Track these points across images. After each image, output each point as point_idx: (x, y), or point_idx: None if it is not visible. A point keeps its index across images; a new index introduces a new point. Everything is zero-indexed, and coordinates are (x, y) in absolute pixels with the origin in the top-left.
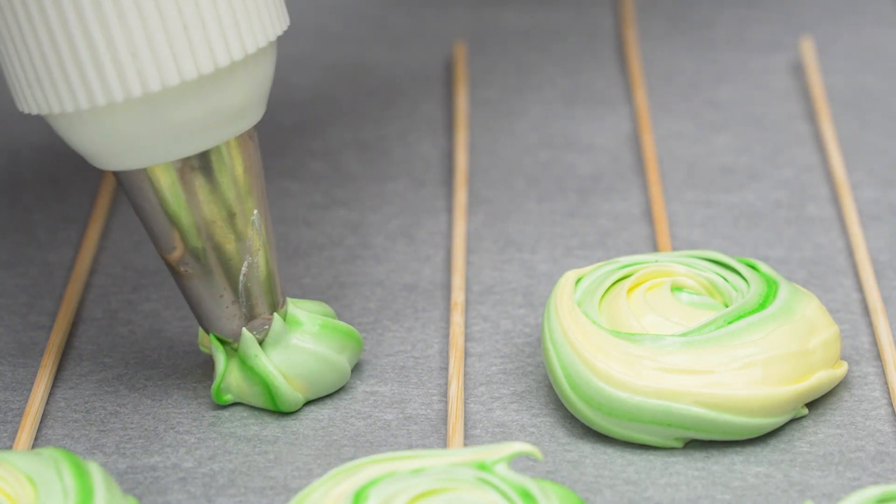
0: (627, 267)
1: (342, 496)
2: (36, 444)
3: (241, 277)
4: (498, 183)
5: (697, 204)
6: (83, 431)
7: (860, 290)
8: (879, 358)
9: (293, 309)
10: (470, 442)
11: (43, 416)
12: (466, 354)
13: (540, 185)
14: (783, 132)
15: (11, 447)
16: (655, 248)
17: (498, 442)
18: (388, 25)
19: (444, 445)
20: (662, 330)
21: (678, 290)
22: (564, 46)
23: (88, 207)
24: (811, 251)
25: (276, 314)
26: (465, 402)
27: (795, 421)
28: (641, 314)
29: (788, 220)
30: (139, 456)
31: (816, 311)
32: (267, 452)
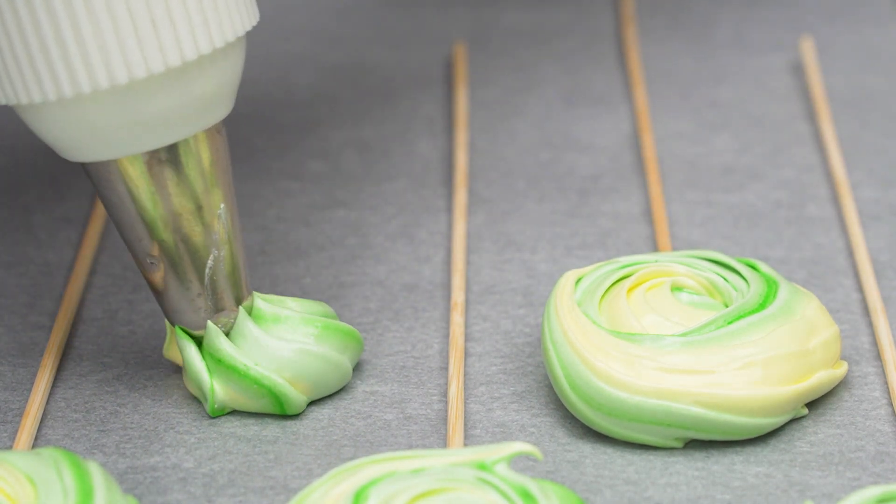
0: (627, 267)
1: (342, 496)
2: (36, 444)
3: (207, 270)
4: (498, 183)
5: (697, 204)
6: (83, 431)
7: (860, 290)
8: (879, 358)
9: (259, 302)
10: (470, 442)
11: (43, 416)
12: (466, 354)
13: (540, 185)
14: (783, 132)
15: (11, 447)
16: (655, 248)
17: (498, 442)
18: (388, 25)
19: (444, 445)
20: (662, 330)
21: (678, 290)
22: (564, 46)
23: (88, 207)
24: (811, 251)
25: (241, 307)
26: (465, 402)
27: (795, 421)
28: (641, 314)
29: (788, 220)
30: (139, 456)
31: (816, 311)
32: (267, 452)
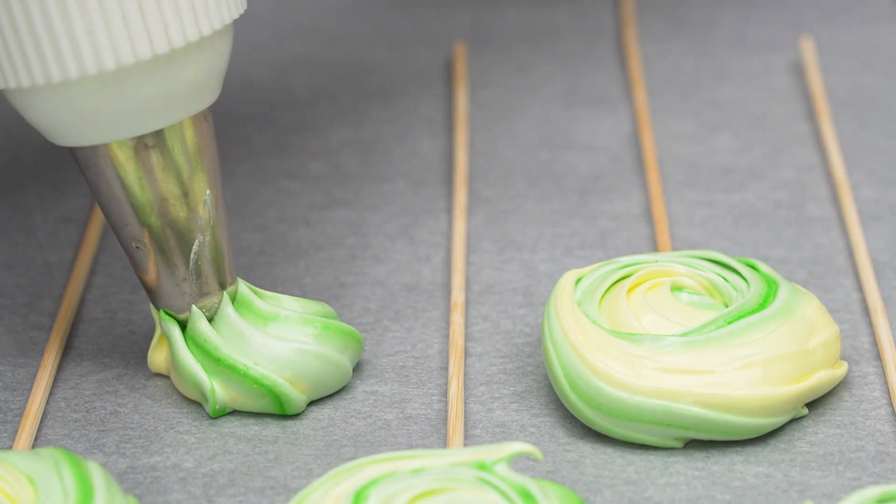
0: (627, 267)
1: (342, 496)
2: (36, 444)
3: (192, 255)
4: (498, 183)
5: (697, 204)
6: (83, 431)
7: (860, 290)
8: (879, 358)
9: (243, 288)
10: (470, 442)
11: (43, 416)
12: (466, 354)
13: (540, 185)
14: (783, 132)
15: (11, 447)
16: (655, 248)
17: (498, 442)
18: (388, 25)
19: (444, 445)
20: (662, 330)
21: (678, 290)
22: (564, 46)
23: (88, 208)
24: (811, 251)
25: (224, 292)
26: (465, 402)
27: (795, 421)
28: (641, 314)
29: (788, 220)
30: (139, 456)
31: (816, 311)
32: (267, 452)
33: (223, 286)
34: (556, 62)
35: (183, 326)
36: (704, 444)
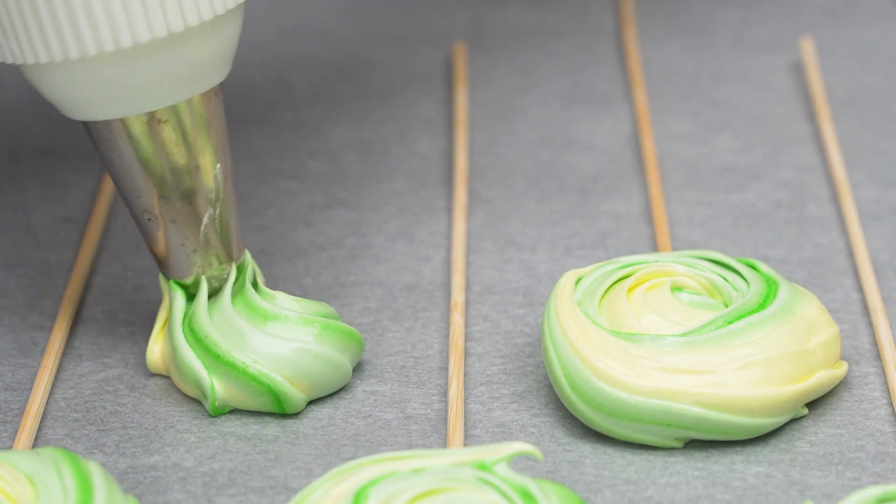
0: (627, 267)
1: (342, 496)
2: (36, 444)
3: (202, 227)
4: (498, 183)
5: (697, 204)
6: (83, 431)
7: (860, 290)
8: (879, 358)
9: (251, 263)
10: (470, 442)
11: (43, 416)
12: (466, 354)
13: (540, 185)
14: (783, 132)
15: (11, 447)
16: (655, 248)
17: (498, 442)
18: (388, 25)
19: (444, 445)
20: (662, 330)
21: (678, 290)
22: (564, 46)
23: (88, 207)
24: (811, 251)
25: (234, 264)
26: (465, 402)
27: (795, 421)
28: (641, 314)
29: (788, 220)
30: (139, 455)
31: (816, 311)
32: (267, 452)
33: (232, 258)
34: (556, 62)
35: (191, 297)
36: (704, 444)
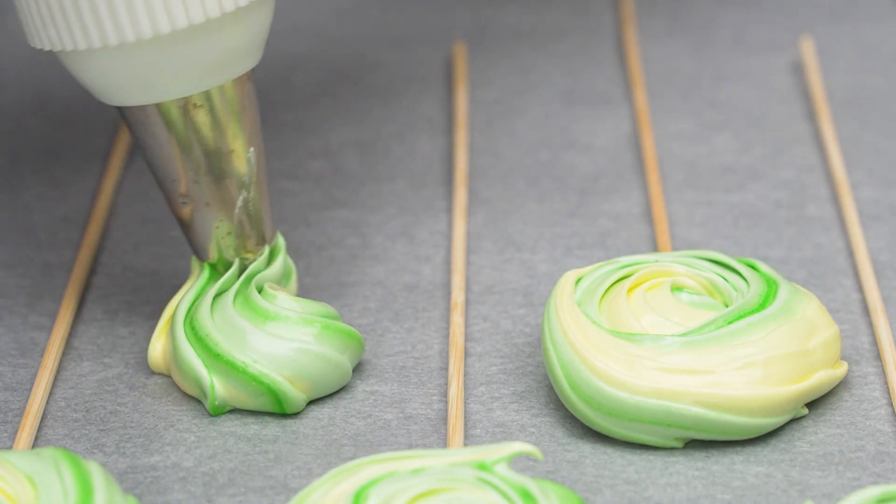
0: (627, 267)
1: (342, 496)
2: (36, 444)
3: (236, 210)
4: (498, 183)
5: (697, 204)
6: (83, 431)
7: (860, 290)
8: (879, 358)
9: (282, 245)
10: (470, 442)
11: (43, 416)
12: (466, 354)
13: (540, 185)
14: (783, 132)
15: (11, 447)
16: (655, 248)
17: (498, 442)
18: (388, 25)
19: (444, 445)
20: (662, 330)
21: (678, 290)
22: (564, 46)
23: (88, 207)
24: (811, 251)
25: (266, 246)
26: (465, 402)
27: (795, 421)
28: (641, 314)
29: (788, 220)
30: (139, 455)
31: (816, 311)
32: (267, 452)
33: (265, 240)
34: (556, 62)
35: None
36: (704, 444)
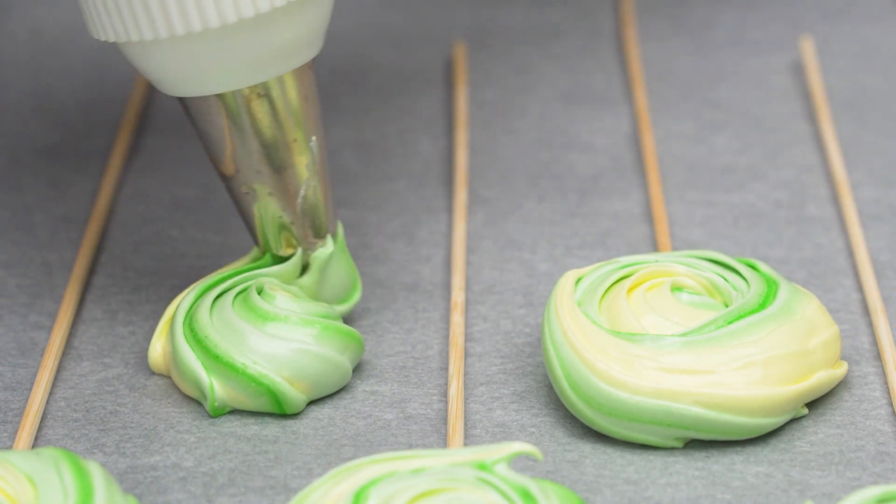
0: (627, 267)
1: (342, 496)
2: (36, 444)
3: (299, 200)
4: (498, 183)
5: (697, 204)
6: (83, 431)
7: (860, 290)
8: (879, 358)
9: (342, 234)
10: (470, 442)
11: (43, 416)
12: (466, 354)
13: (540, 185)
14: (783, 132)
15: (11, 447)
16: (655, 248)
17: (498, 442)
18: (388, 25)
19: (444, 445)
20: (662, 330)
21: (678, 290)
22: (564, 46)
23: (88, 207)
24: (811, 251)
25: (328, 236)
26: (465, 402)
27: (795, 421)
28: (641, 314)
29: (788, 220)
30: (139, 455)
31: (816, 311)
32: (267, 452)
33: (328, 230)
34: (556, 62)
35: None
36: (704, 444)
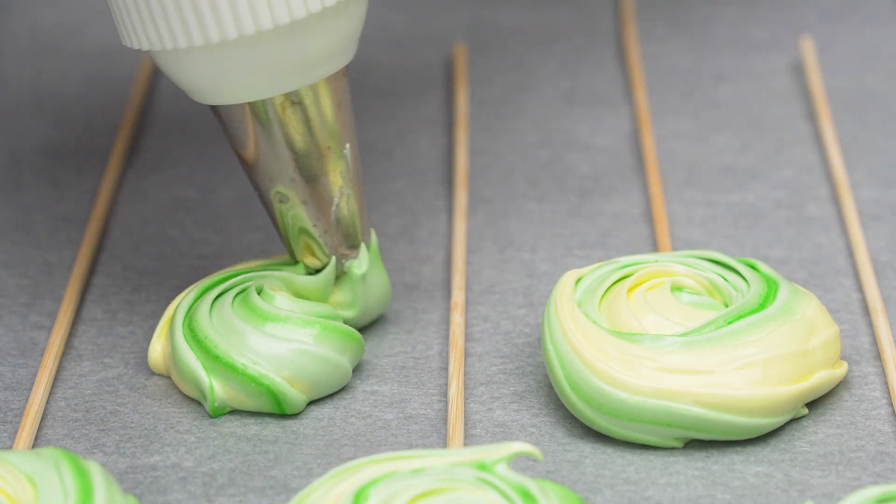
0: (627, 267)
1: (342, 496)
2: (36, 444)
3: (332, 208)
4: (498, 183)
5: (697, 204)
6: (83, 431)
7: (860, 290)
8: (879, 358)
9: (376, 242)
10: (470, 442)
11: (43, 416)
12: (466, 354)
13: (540, 185)
14: (783, 132)
15: (11, 447)
16: (655, 248)
17: (498, 442)
18: (388, 25)
19: (444, 445)
20: (662, 330)
21: (678, 290)
22: (564, 46)
23: (88, 207)
24: (811, 251)
25: (362, 245)
26: (465, 402)
27: (795, 421)
28: (641, 314)
29: (788, 220)
30: (139, 455)
31: (816, 311)
32: (267, 452)
33: (362, 238)
34: (556, 62)
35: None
36: (704, 443)
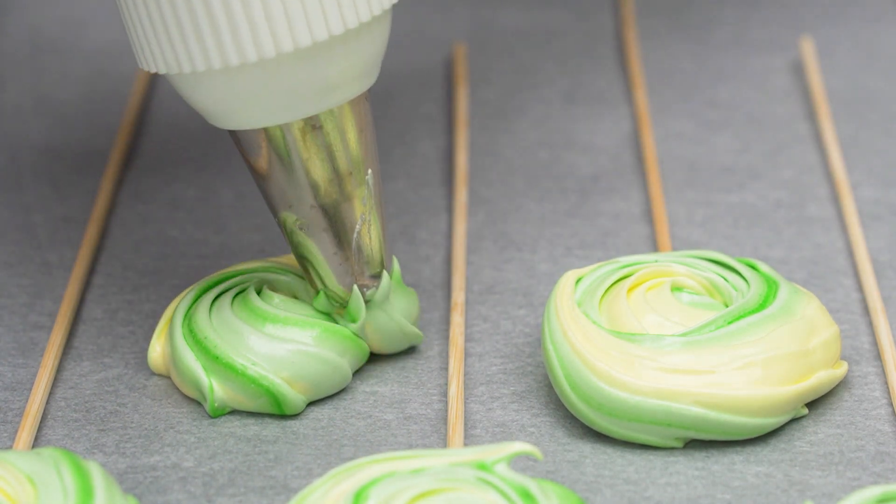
0: (627, 267)
1: (342, 496)
2: (36, 444)
3: (354, 235)
4: (498, 183)
5: (697, 204)
6: (83, 431)
7: (860, 290)
8: (879, 358)
9: (398, 270)
10: (470, 442)
11: (43, 416)
12: (466, 354)
13: (540, 185)
14: (783, 132)
15: (11, 447)
16: (655, 248)
17: (498, 442)
18: None
19: (444, 445)
20: (662, 330)
21: (678, 290)
22: (564, 46)
23: (88, 207)
24: (811, 251)
25: (384, 272)
26: (465, 402)
27: (795, 421)
28: (641, 314)
29: (788, 220)
30: (139, 456)
31: (816, 311)
32: (267, 452)
33: (383, 266)
34: (556, 62)
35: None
36: (704, 444)
